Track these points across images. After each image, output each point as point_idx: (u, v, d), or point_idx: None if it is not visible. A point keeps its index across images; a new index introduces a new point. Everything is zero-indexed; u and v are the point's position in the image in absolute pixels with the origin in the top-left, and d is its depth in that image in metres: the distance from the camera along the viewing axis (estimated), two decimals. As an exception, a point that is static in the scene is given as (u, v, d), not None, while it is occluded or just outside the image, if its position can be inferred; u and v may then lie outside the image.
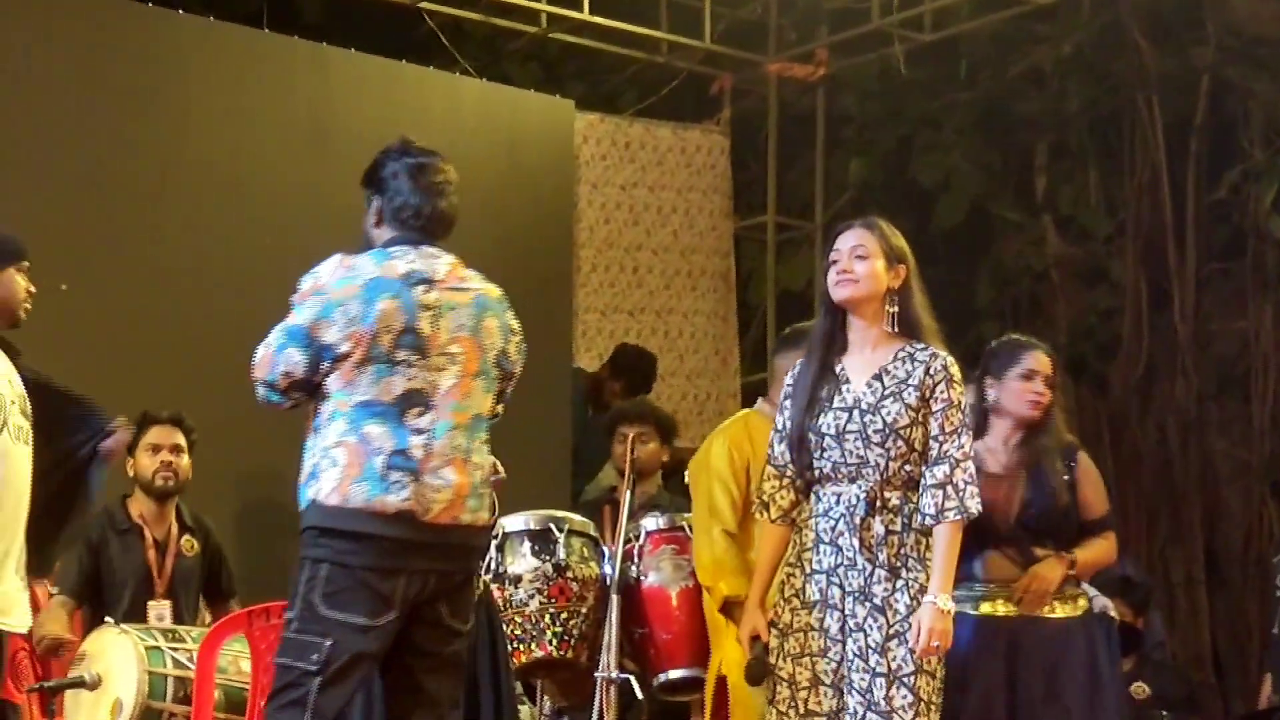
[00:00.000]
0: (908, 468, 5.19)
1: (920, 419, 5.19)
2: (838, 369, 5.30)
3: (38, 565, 5.69)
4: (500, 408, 5.29)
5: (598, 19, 11.26)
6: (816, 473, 5.28)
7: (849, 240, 5.34)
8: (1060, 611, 5.92)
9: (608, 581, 6.69)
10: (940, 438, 5.18)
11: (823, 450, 5.24)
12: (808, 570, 5.25)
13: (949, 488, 5.16)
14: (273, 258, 8.54)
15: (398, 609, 4.95)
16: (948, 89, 12.84)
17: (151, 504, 7.41)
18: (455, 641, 5.12)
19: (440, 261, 5.15)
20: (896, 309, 5.30)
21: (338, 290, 5.01)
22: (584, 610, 6.74)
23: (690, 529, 6.83)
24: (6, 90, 8.61)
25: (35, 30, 8.79)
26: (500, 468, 5.90)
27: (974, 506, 5.19)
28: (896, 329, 5.30)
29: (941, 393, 5.19)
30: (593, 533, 6.95)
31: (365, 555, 4.90)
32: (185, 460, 7.42)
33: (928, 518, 5.16)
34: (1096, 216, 12.84)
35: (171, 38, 9.30)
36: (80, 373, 6.43)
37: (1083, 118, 12.74)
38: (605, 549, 6.91)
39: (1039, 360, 6.05)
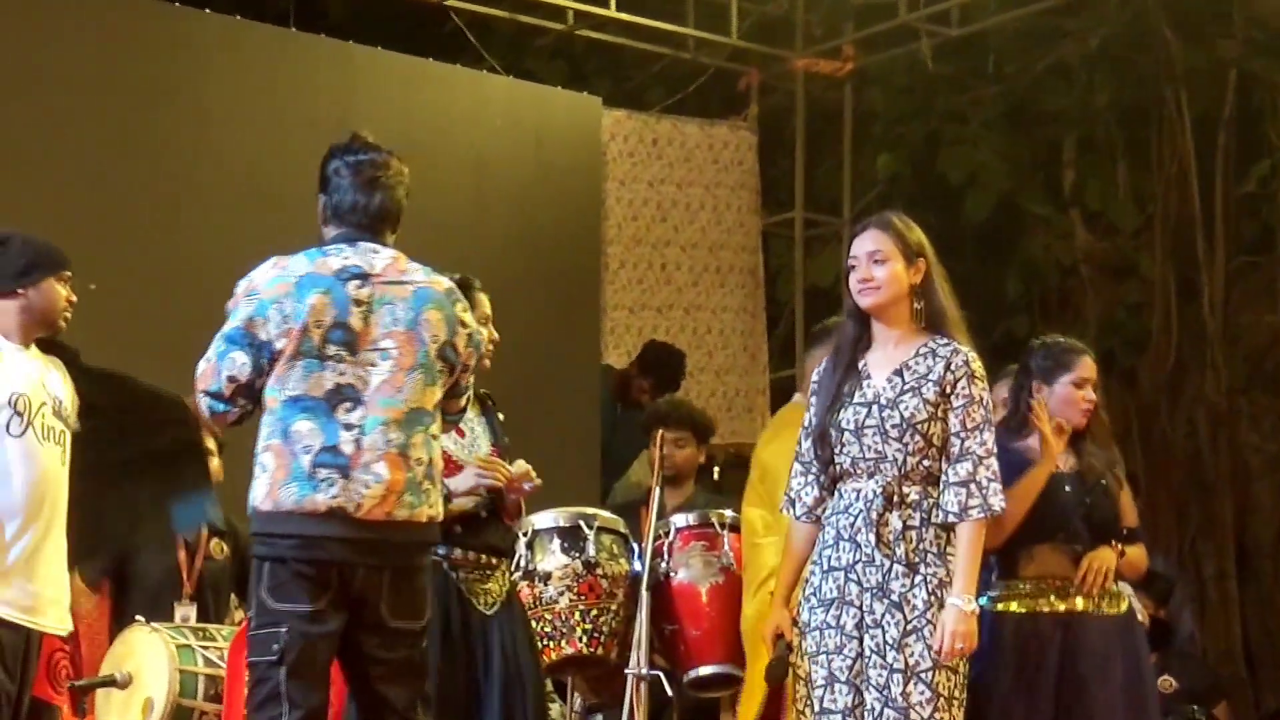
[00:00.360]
0: (926, 463, 5.18)
1: (939, 414, 5.17)
2: (861, 365, 5.30)
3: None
4: (463, 401, 5.31)
5: (624, 15, 11.26)
6: (837, 468, 5.28)
7: (865, 245, 5.31)
8: (1109, 609, 5.91)
9: (638, 578, 6.70)
10: (962, 434, 5.17)
11: (843, 445, 5.24)
12: (826, 567, 5.24)
13: (972, 485, 5.14)
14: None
15: (335, 590, 4.96)
16: (975, 84, 12.84)
17: (182, 509, 7.42)
18: (405, 644, 5.09)
19: (379, 256, 5.14)
20: (922, 304, 5.29)
21: (270, 289, 5.03)
22: (614, 607, 6.74)
23: (719, 525, 6.84)
24: (30, 89, 8.64)
25: (58, 29, 8.82)
26: (534, 475, 5.94)
27: (998, 504, 5.16)
28: (923, 324, 5.30)
29: (963, 389, 5.17)
30: (622, 529, 6.96)
31: (298, 550, 4.94)
32: (215, 462, 7.38)
33: (950, 515, 5.14)
34: (1125, 210, 12.82)
35: (197, 36, 9.34)
36: (112, 365, 6.47)
37: (1110, 112, 12.72)
38: (635, 545, 6.91)
39: (1089, 367, 6.02)
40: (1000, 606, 5.86)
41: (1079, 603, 5.86)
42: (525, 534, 6.65)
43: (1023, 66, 12.72)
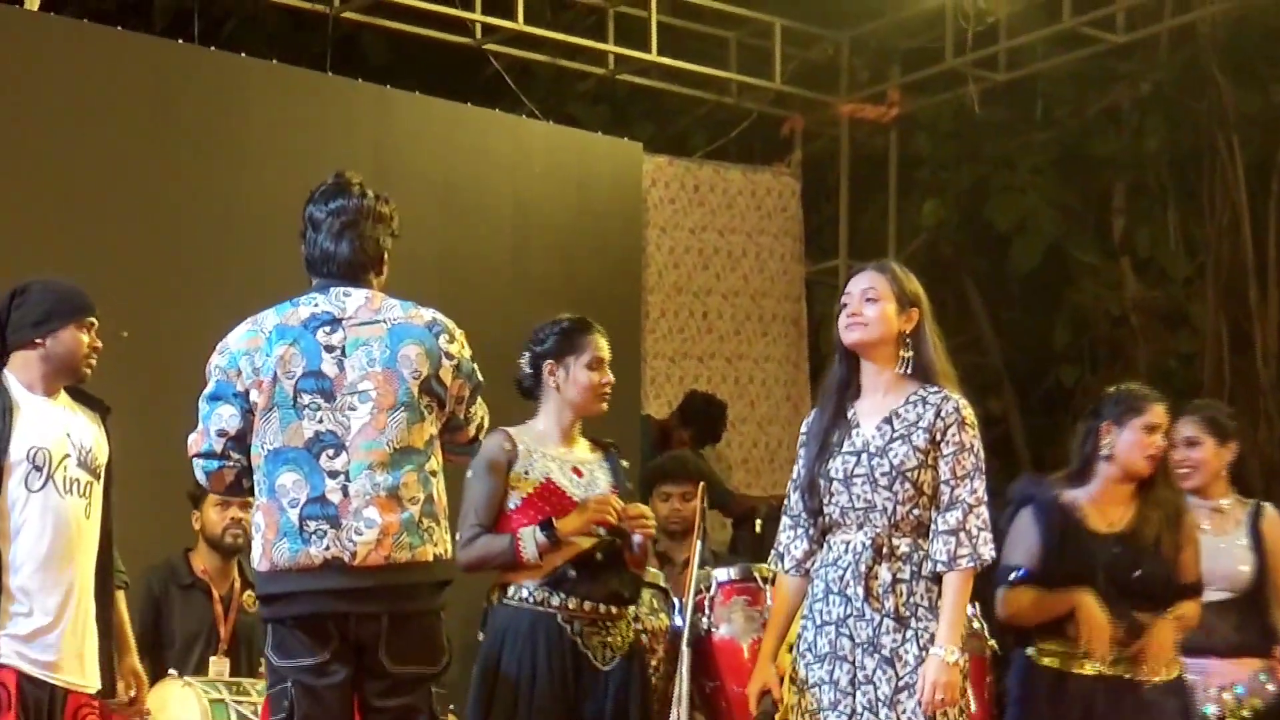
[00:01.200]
0: (916, 512, 5.11)
1: (929, 462, 5.12)
2: (850, 413, 5.25)
3: None
4: (471, 431, 5.26)
5: (666, 60, 11.26)
6: (827, 519, 5.23)
7: (860, 283, 5.29)
8: (1160, 675, 5.81)
9: (678, 633, 6.63)
10: (952, 482, 5.11)
11: (832, 495, 5.19)
12: (818, 621, 5.19)
13: (961, 534, 5.07)
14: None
15: (337, 640, 4.96)
16: (1023, 129, 12.80)
17: (217, 559, 7.39)
18: (407, 691, 5.05)
19: (352, 298, 5.11)
20: (911, 353, 5.23)
21: (240, 343, 5.08)
22: (654, 663, 6.68)
23: (762, 579, 6.78)
24: (69, 134, 8.65)
25: (97, 74, 8.82)
26: (650, 519, 5.81)
27: (987, 553, 5.11)
28: (910, 372, 5.23)
29: (953, 435, 5.11)
30: (663, 583, 6.91)
31: (295, 607, 4.95)
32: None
33: (939, 564, 5.08)
34: (1176, 258, 12.76)
35: (235, 81, 9.35)
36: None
37: (1162, 157, 12.68)
38: (676, 600, 6.86)
39: (1160, 414, 5.93)
40: (1045, 661, 5.81)
41: (1123, 667, 5.77)
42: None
43: (1072, 111, 12.69)
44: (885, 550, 5.11)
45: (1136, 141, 12.62)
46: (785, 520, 5.39)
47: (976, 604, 6.33)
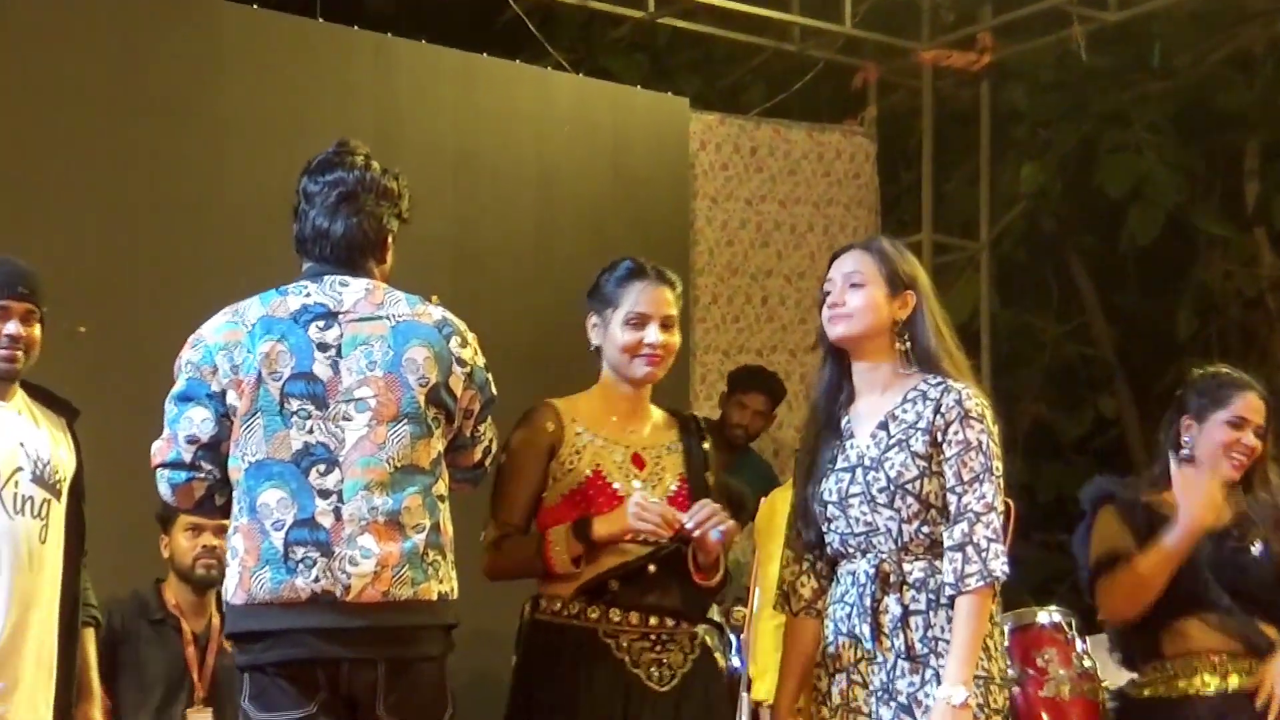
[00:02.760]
0: (926, 530, 5.04)
1: (934, 468, 5.04)
2: (844, 422, 5.23)
3: None
4: (478, 454, 5.23)
5: (715, 0, 11.26)
6: (830, 549, 5.20)
7: (843, 266, 5.23)
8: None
9: (736, 677, 6.65)
10: (958, 488, 5.01)
11: (828, 521, 5.16)
12: (830, 669, 5.17)
13: (969, 548, 4.97)
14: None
15: (326, 690, 4.91)
16: (1139, 79, 12.78)
17: (188, 593, 7.36)
18: None
19: (350, 289, 5.09)
20: (908, 345, 5.18)
21: (216, 335, 5.04)
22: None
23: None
24: (12, 98, 8.66)
25: (48, 27, 8.85)
26: (722, 516, 5.54)
27: (998, 569, 4.97)
28: (913, 368, 5.17)
29: (955, 433, 5.03)
30: (717, 617, 6.92)
31: (277, 651, 4.90)
32: None
33: (948, 587, 4.99)
34: (1320, 230, 12.75)
35: (209, 31, 9.37)
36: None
37: (1302, 111, 12.67)
38: (733, 637, 6.88)
39: (1251, 405, 5.91)
40: (1147, 692, 5.85)
41: (1234, 680, 5.77)
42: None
43: (1196, 57, 12.66)
44: (894, 578, 5.06)
45: (1271, 93, 12.59)
46: (787, 554, 5.35)
47: (1086, 640, 6.35)
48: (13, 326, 5.70)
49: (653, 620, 5.43)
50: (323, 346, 5.00)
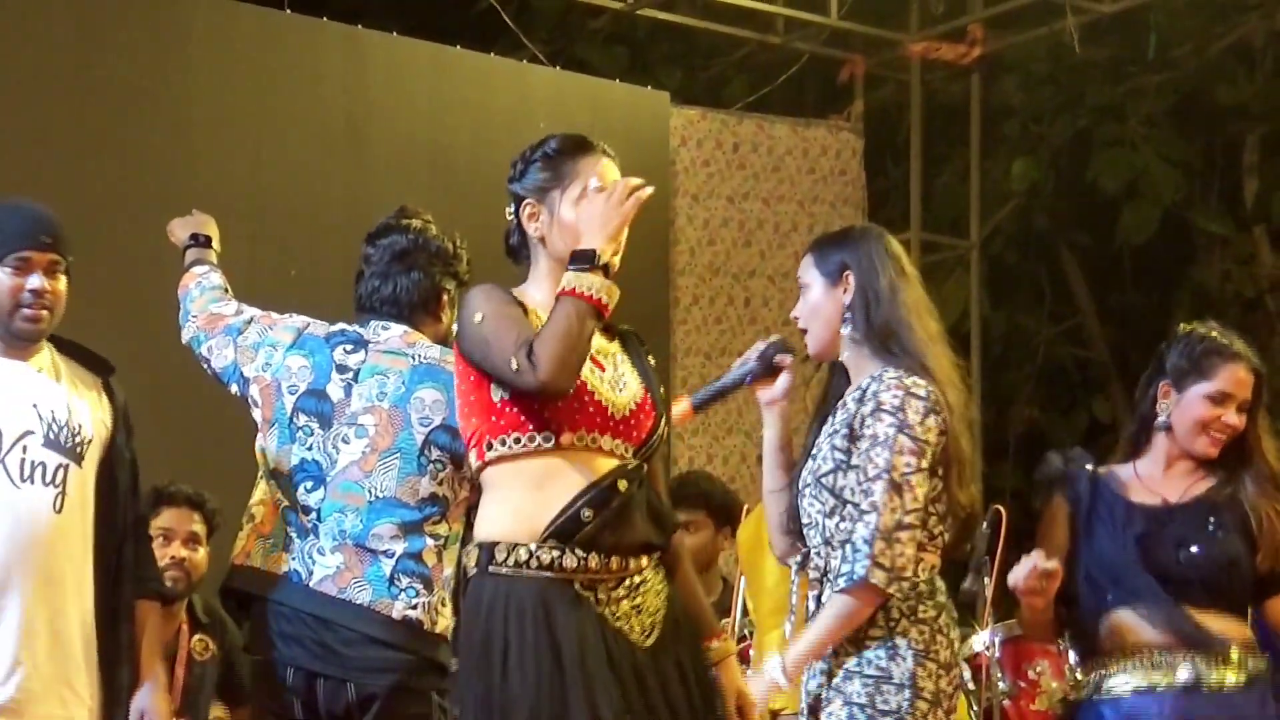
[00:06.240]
0: (845, 525, 4.94)
1: (852, 461, 4.97)
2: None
3: None
4: (464, 491, 5.26)
5: (697, -10, 11.29)
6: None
7: (799, 274, 5.33)
8: (1237, 676, 5.45)
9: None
10: (862, 483, 4.91)
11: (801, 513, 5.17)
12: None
13: (846, 547, 4.88)
14: (302, 286, 8.57)
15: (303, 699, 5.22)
16: (1134, 71, 12.80)
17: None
18: None
19: (390, 330, 5.42)
20: (849, 329, 5.12)
21: (276, 331, 5.50)
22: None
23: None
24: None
25: (16, 17, 8.84)
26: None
27: (860, 570, 4.81)
28: (865, 349, 5.11)
29: (867, 427, 4.95)
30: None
31: (256, 625, 5.31)
32: (201, 553, 7.20)
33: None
34: (1321, 228, 12.79)
35: (172, 21, 9.36)
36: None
37: (1303, 105, 12.70)
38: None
39: (1236, 378, 5.49)
40: (1103, 691, 5.50)
41: (1182, 673, 5.41)
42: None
43: (1193, 49, 12.67)
44: (814, 574, 5.03)
45: (1271, 85, 12.62)
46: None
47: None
48: (36, 280, 5.38)
49: (630, 563, 4.72)
50: (342, 369, 5.34)
